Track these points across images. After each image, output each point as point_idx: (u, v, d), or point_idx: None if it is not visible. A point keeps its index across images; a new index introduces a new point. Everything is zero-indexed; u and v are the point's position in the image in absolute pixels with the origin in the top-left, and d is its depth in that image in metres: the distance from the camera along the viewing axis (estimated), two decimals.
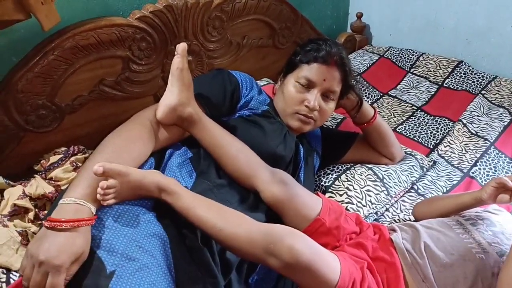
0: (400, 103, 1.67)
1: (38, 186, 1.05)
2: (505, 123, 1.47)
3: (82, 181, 0.73)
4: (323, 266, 0.69)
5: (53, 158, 1.11)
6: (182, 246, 0.75)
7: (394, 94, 1.73)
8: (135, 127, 0.86)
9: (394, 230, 0.94)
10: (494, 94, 1.61)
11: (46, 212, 1.07)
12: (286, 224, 0.89)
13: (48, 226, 0.67)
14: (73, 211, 0.69)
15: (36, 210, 1.04)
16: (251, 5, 1.47)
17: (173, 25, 1.29)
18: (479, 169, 1.29)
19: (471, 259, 0.83)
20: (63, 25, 1.10)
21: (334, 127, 1.41)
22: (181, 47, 0.90)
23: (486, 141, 1.39)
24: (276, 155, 0.99)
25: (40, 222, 1.05)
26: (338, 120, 1.43)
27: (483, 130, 1.44)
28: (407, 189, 1.21)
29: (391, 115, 1.62)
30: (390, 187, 1.17)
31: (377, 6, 2.04)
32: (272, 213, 0.93)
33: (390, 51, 1.95)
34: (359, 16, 2.02)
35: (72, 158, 1.12)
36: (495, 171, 1.29)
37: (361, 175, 1.17)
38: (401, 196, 1.20)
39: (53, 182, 1.07)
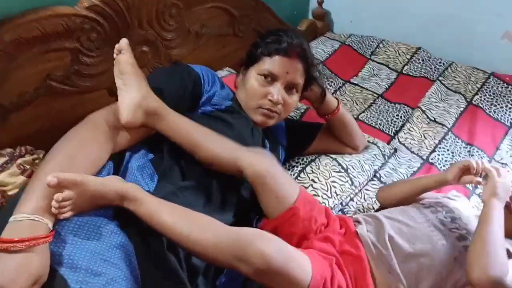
0: (362, 91, 1.68)
1: None
2: (461, 109, 1.51)
3: (34, 193, 0.66)
4: (295, 269, 0.68)
5: None
6: (148, 254, 0.71)
7: (356, 82, 1.74)
8: (89, 129, 0.80)
9: (358, 222, 0.94)
10: (451, 80, 1.65)
11: None
12: (262, 206, 0.88)
13: (0, 248, 0.60)
14: (28, 229, 0.62)
15: None
16: None
17: (125, 13, 1.21)
18: (438, 155, 1.33)
19: (433, 247, 0.85)
20: (0, 16, 1.00)
21: (298, 117, 1.40)
22: (125, 42, 0.89)
23: (444, 127, 1.43)
24: None
25: None
26: (302, 111, 1.42)
27: (441, 116, 1.48)
28: (370, 178, 1.23)
29: (353, 103, 1.62)
30: (354, 177, 1.17)
31: None
32: (240, 214, 0.91)
33: (351, 38, 1.95)
34: (320, 2, 2.01)
35: (19, 161, 1.04)
36: (453, 156, 1.33)
37: (326, 167, 1.17)
38: (364, 185, 1.21)
39: None
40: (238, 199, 0.92)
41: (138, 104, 0.82)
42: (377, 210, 1.12)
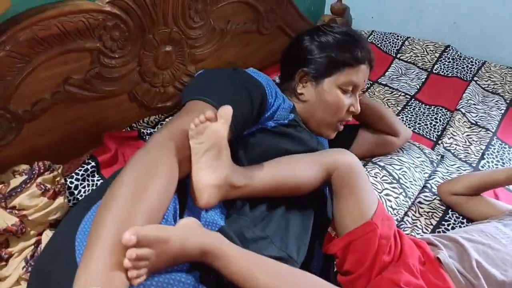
0: (392, 92, 1.58)
1: None
2: (502, 111, 1.43)
3: (102, 253, 0.50)
4: None
5: (14, 181, 0.89)
6: None
7: (384, 82, 1.64)
8: (156, 155, 0.63)
9: (433, 245, 0.84)
10: (486, 81, 1.57)
11: (9, 250, 0.86)
12: (337, 219, 0.81)
13: None
14: None
15: None
16: None
17: (150, 9, 1.08)
18: (487, 162, 1.24)
19: None
20: (15, 12, 0.87)
21: None
22: (227, 111, 0.68)
23: (488, 131, 1.34)
24: None
25: (3, 263, 0.85)
26: None
27: (482, 119, 1.40)
28: (421, 188, 1.13)
29: (385, 105, 1.52)
30: (407, 187, 1.08)
31: None
32: (316, 236, 0.83)
33: (374, 35, 1.85)
34: None
35: (39, 180, 0.91)
36: (503, 163, 1.25)
37: (376, 177, 1.06)
38: (417, 197, 1.11)
39: (16, 211, 0.86)
40: (312, 222, 0.82)
41: (221, 184, 0.68)
42: (435, 227, 1.03)
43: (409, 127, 1.40)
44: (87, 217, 0.61)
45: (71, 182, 1.01)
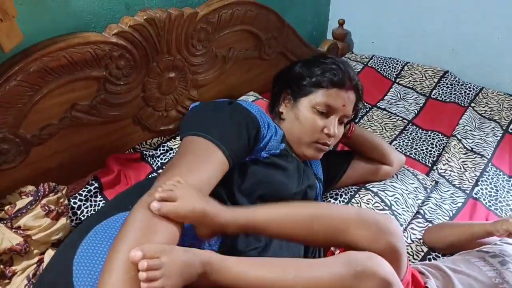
0: (390, 116, 1.62)
1: (3, 238, 0.88)
2: (498, 138, 1.45)
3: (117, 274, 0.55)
4: None
5: (20, 203, 0.94)
6: None
7: (383, 106, 1.68)
8: None
9: (421, 273, 0.86)
10: (483, 107, 1.60)
11: (13, 268, 0.90)
12: None
13: None
14: None
15: (1, 266, 0.87)
16: (238, 15, 1.34)
17: (155, 40, 1.14)
18: (481, 189, 1.26)
19: None
20: (26, 44, 0.93)
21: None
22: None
23: (483, 158, 1.36)
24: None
25: (7, 281, 0.89)
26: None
27: (478, 145, 1.42)
28: (413, 214, 1.15)
29: (382, 129, 1.56)
30: (399, 214, 1.10)
31: (359, 12, 1.97)
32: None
33: (374, 59, 1.90)
34: (342, 23, 1.95)
35: (43, 201, 0.96)
36: (497, 190, 1.26)
37: (368, 204, 1.09)
38: (409, 224, 1.13)
39: (21, 231, 0.91)
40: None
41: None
42: (426, 254, 1.05)
43: (405, 152, 1.43)
44: (85, 242, 0.65)
45: (75, 203, 1.06)
